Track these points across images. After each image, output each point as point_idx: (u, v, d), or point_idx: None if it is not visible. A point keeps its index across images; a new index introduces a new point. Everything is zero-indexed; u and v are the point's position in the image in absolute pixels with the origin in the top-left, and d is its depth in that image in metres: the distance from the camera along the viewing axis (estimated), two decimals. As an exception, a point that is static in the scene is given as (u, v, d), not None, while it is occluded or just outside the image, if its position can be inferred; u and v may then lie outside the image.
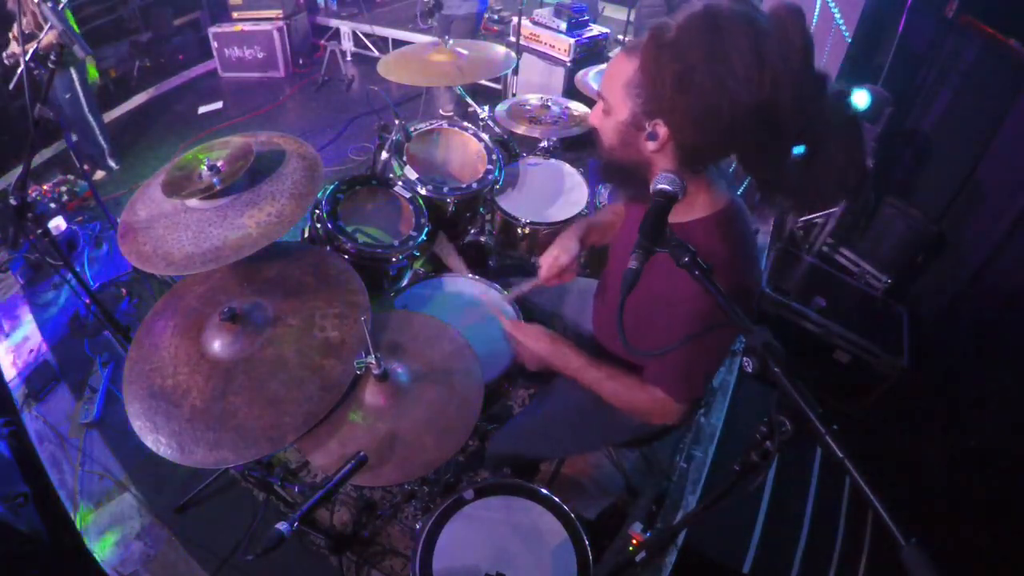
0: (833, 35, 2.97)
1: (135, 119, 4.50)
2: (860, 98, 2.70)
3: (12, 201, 1.70)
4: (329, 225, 1.79)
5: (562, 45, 3.86)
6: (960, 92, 2.88)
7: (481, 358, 1.38)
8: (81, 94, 3.41)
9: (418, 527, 1.33)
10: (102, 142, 3.69)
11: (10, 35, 3.08)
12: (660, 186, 0.88)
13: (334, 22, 5.38)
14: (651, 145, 1.01)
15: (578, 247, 1.52)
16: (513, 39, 3.92)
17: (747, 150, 0.99)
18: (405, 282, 1.94)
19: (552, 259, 1.49)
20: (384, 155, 2.09)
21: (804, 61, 0.89)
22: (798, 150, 0.96)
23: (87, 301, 2.11)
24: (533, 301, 1.75)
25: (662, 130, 0.98)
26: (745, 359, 0.75)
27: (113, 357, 2.51)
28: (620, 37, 4.88)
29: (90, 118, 3.54)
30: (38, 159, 3.79)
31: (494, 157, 2.21)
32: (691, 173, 1.02)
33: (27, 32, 2.95)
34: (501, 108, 2.60)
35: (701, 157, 1.02)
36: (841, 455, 0.66)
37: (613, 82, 1.02)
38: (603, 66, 2.82)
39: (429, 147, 2.34)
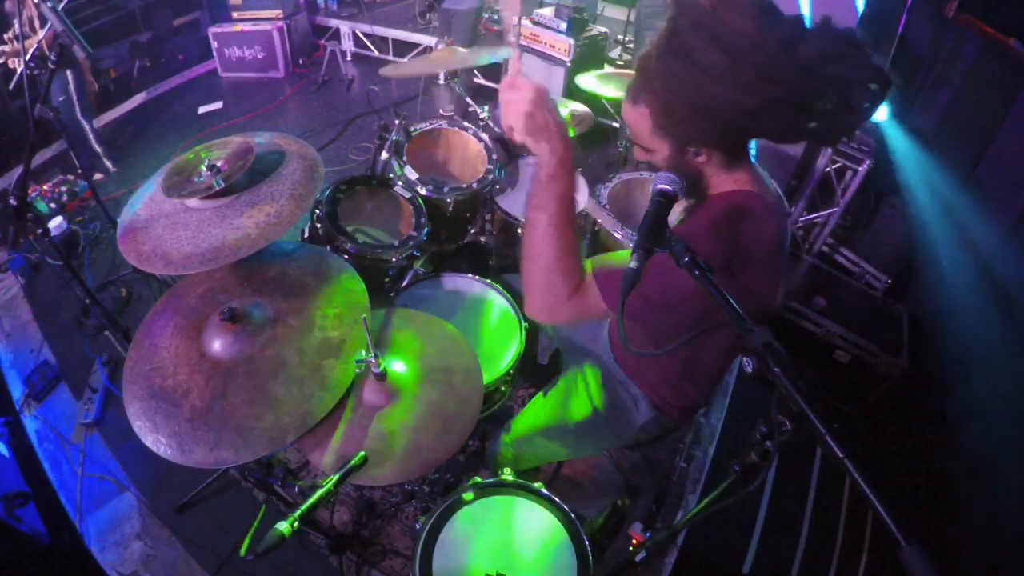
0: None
1: (135, 119, 4.49)
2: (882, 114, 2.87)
3: (12, 201, 1.70)
4: (329, 225, 1.79)
5: (562, 45, 3.86)
6: (960, 92, 2.87)
7: (481, 357, 1.38)
8: (75, 98, 3.34)
9: (418, 527, 1.33)
10: (95, 147, 3.62)
11: (9, 34, 3.07)
12: (660, 186, 0.88)
13: (334, 22, 5.38)
14: (701, 159, 1.03)
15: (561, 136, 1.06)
16: (513, 39, 3.92)
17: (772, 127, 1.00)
18: (405, 282, 1.94)
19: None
20: (384, 155, 2.09)
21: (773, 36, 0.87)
22: None
23: (87, 301, 2.11)
24: None
25: (703, 149, 1.02)
26: (745, 359, 0.75)
27: (113, 357, 2.51)
28: (620, 37, 4.87)
29: (83, 123, 3.47)
30: (38, 159, 3.78)
31: (494, 157, 2.20)
32: (737, 158, 1.06)
33: (26, 32, 2.94)
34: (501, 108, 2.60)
35: (741, 145, 1.06)
36: (841, 455, 0.66)
37: (640, 134, 1.04)
38: (603, 70, 2.82)
39: (429, 147, 2.34)
